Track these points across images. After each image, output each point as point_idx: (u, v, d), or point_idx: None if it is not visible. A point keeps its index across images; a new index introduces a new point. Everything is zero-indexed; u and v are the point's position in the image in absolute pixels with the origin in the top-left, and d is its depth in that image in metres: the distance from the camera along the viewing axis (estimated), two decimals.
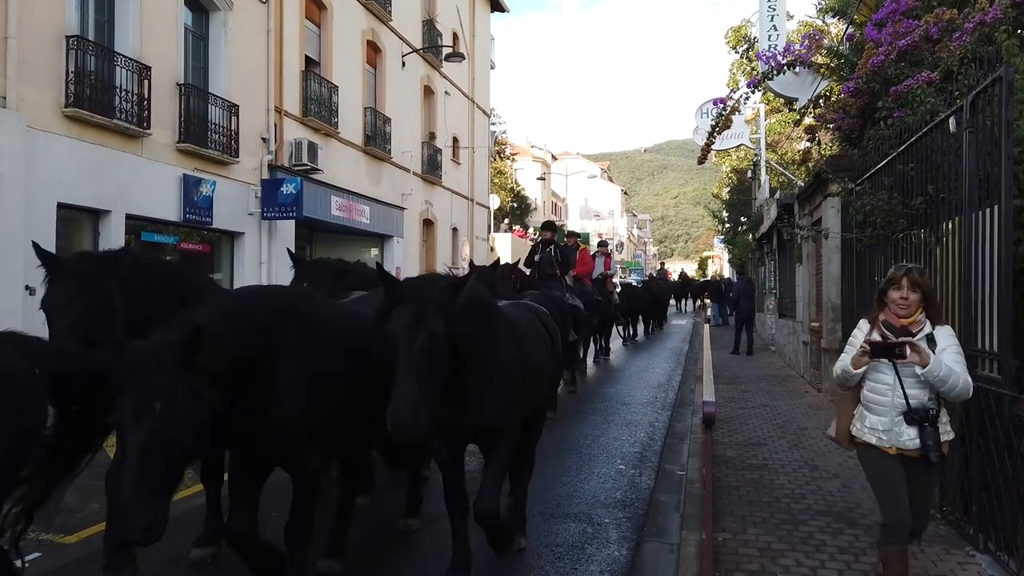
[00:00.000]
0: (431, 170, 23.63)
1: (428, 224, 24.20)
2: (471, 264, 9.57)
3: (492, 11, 31.20)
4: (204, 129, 13.02)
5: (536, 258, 10.92)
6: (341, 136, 17.76)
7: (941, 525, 4.74)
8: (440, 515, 5.09)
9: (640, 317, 20.70)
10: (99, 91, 10.74)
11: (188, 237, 13.39)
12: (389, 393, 3.14)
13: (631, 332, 19.44)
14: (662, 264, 41.98)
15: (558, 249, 10.91)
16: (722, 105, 12.26)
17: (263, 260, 14.63)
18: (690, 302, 37.33)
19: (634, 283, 26.23)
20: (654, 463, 6.70)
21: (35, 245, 3.94)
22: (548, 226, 11.53)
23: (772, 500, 5.33)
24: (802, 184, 12.95)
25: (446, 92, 25.29)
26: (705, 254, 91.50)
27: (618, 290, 16.94)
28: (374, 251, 20.41)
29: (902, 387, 3.45)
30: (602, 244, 16.20)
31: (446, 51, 23.01)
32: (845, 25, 12.11)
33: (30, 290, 8.57)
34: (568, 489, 5.81)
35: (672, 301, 34.16)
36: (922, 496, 3.60)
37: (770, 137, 21.50)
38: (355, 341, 3.77)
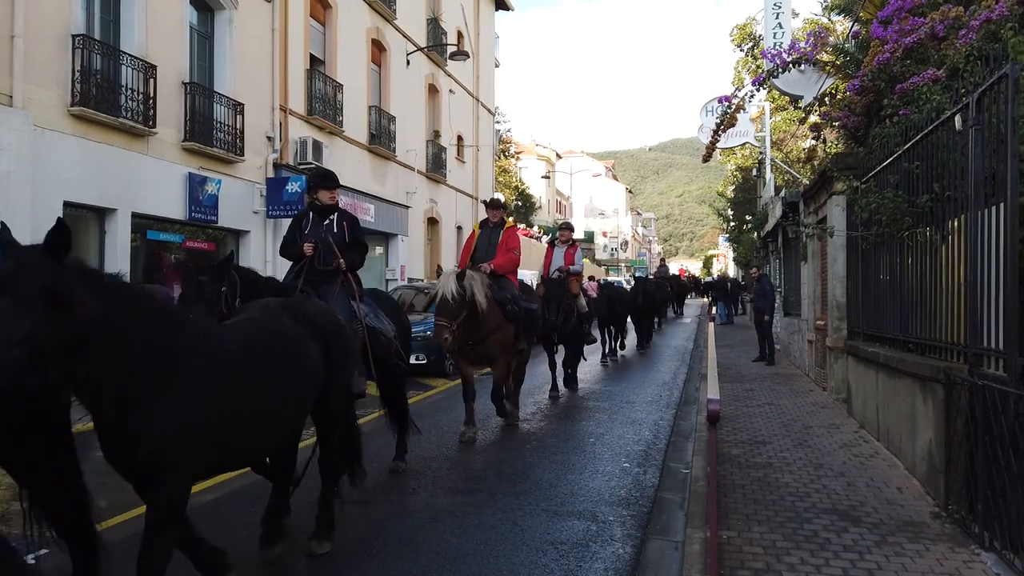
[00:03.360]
0: (436, 169, 23.66)
1: (433, 223, 24.22)
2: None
3: (496, 9, 31.21)
4: (209, 128, 13.07)
5: (307, 245, 5.91)
6: (346, 135, 17.79)
7: (946, 523, 4.73)
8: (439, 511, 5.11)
9: (629, 325, 16.67)
10: (105, 90, 10.79)
11: (193, 235, 13.45)
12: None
13: (614, 345, 15.25)
14: (662, 261, 40.58)
15: (345, 225, 6.10)
16: (727, 103, 12.22)
17: (268, 259, 14.65)
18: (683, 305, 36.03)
19: (615, 283, 21.58)
20: (658, 461, 6.71)
21: None
22: (324, 179, 6.16)
23: (777, 498, 5.33)
24: (807, 182, 12.91)
25: (450, 91, 25.31)
26: (710, 252, 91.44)
27: (592, 294, 12.96)
28: (379, 250, 20.44)
29: None
30: (564, 227, 11.36)
31: (450, 49, 23.03)
32: (851, 23, 12.07)
33: None
34: (573, 487, 5.81)
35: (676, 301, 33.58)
36: None
37: (775, 135, 21.48)
38: None
